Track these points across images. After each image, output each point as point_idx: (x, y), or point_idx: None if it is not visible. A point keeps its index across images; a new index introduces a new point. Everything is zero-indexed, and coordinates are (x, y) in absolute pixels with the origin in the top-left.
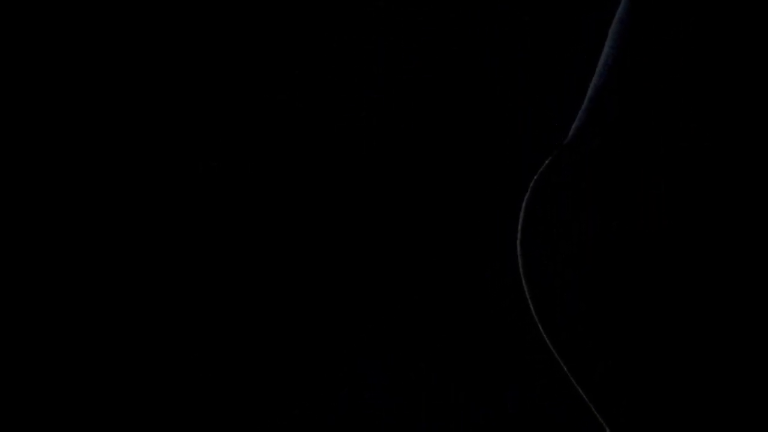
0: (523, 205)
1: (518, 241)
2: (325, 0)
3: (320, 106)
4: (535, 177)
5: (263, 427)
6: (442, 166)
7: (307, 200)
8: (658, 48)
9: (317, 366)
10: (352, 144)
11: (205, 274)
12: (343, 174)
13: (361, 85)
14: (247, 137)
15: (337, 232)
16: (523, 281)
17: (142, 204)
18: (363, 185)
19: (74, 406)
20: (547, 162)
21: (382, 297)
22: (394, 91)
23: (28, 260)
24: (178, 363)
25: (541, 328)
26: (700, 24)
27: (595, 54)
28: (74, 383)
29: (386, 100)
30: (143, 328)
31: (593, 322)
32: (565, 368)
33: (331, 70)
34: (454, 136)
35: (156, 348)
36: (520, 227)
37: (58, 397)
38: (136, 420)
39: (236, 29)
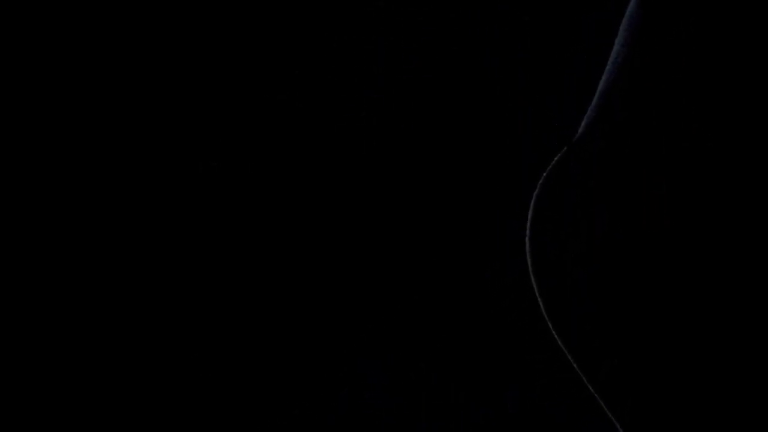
0: (532, 202)
1: (527, 239)
2: (325, 0)
3: (320, 106)
4: (544, 174)
5: (263, 427)
6: (442, 166)
7: (307, 200)
8: (668, 46)
9: (317, 366)
10: (352, 144)
11: (205, 274)
12: (344, 174)
13: (361, 85)
14: (247, 137)
15: (338, 232)
16: (532, 279)
17: (143, 204)
18: (363, 185)
19: (74, 406)
20: (556, 159)
21: (382, 297)
22: (394, 91)
23: (28, 260)
24: (178, 363)
25: (551, 325)
26: (712, 22)
27: (595, 53)
28: (74, 383)
29: (386, 100)
30: (143, 328)
31: (602, 320)
32: (576, 366)
33: (331, 70)
34: (453, 137)
35: (156, 348)
36: (528, 225)
37: (58, 397)
38: (136, 420)
39: (236, 29)
